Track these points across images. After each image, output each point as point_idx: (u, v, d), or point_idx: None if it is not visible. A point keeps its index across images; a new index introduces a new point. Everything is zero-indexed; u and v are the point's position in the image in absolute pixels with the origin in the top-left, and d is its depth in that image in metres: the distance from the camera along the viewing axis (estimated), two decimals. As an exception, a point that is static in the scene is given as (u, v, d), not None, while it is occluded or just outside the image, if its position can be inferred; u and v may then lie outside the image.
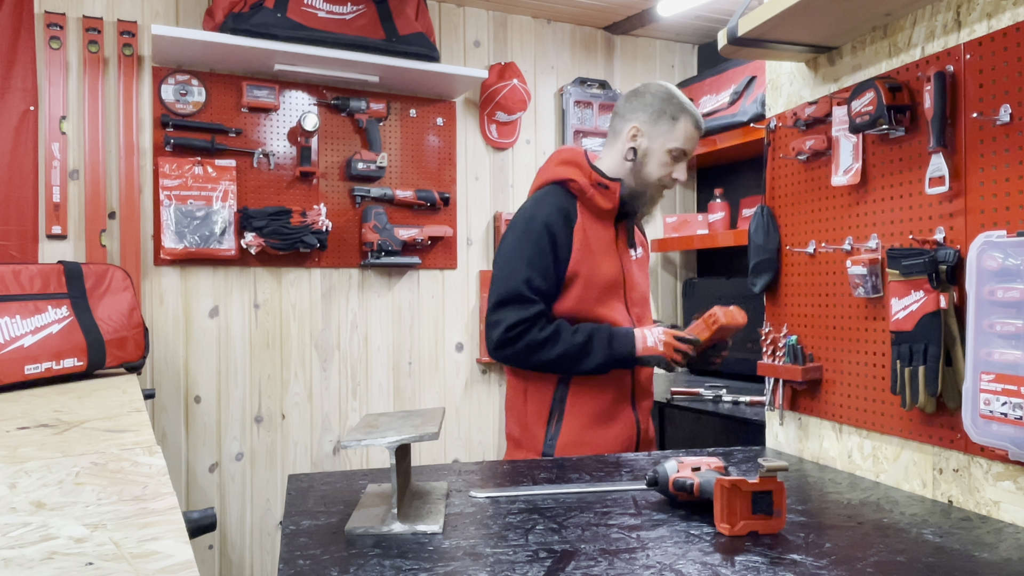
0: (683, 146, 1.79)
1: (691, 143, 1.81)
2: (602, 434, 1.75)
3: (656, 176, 1.81)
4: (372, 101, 2.88)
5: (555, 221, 1.75)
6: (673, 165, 1.80)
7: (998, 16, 1.13)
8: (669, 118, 1.79)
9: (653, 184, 1.82)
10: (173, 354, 2.63)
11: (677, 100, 1.81)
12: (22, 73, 2.41)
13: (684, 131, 1.79)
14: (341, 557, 0.95)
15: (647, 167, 1.81)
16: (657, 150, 1.80)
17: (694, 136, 1.81)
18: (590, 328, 1.72)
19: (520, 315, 1.71)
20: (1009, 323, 1.04)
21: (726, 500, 1.03)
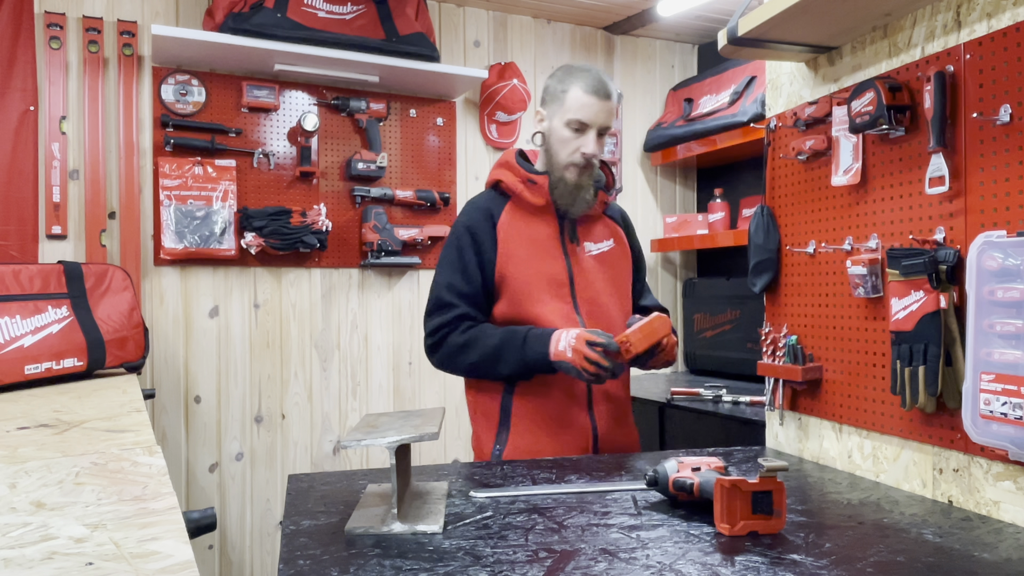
0: (577, 115, 1.64)
1: (587, 111, 1.63)
2: (551, 442, 1.64)
3: (563, 156, 1.67)
4: (372, 101, 2.88)
5: (476, 223, 1.69)
6: (576, 139, 1.65)
7: (998, 16, 1.13)
8: (560, 91, 1.67)
9: (563, 165, 1.67)
10: (173, 354, 2.63)
11: (567, 70, 1.69)
12: (22, 73, 2.41)
13: (574, 99, 1.64)
14: (341, 557, 0.95)
15: (553, 147, 1.69)
16: (557, 127, 1.67)
17: (589, 103, 1.63)
18: (508, 331, 1.63)
19: (439, 320, 1.66)
20: (1009, 323, 1.04)
21: (726, 500, 1.03)
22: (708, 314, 3.11)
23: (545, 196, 1.69)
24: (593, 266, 1.74)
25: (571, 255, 1.72)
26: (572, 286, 1.70)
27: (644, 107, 3.47)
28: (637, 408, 2.63)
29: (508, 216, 1.71)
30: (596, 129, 1.65)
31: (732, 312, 2.98)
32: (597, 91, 1.64)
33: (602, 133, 1.67)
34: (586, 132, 1.65)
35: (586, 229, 1.77)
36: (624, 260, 1.82)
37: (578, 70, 1.67)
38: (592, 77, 1.65)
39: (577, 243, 1.74)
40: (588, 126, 1.64)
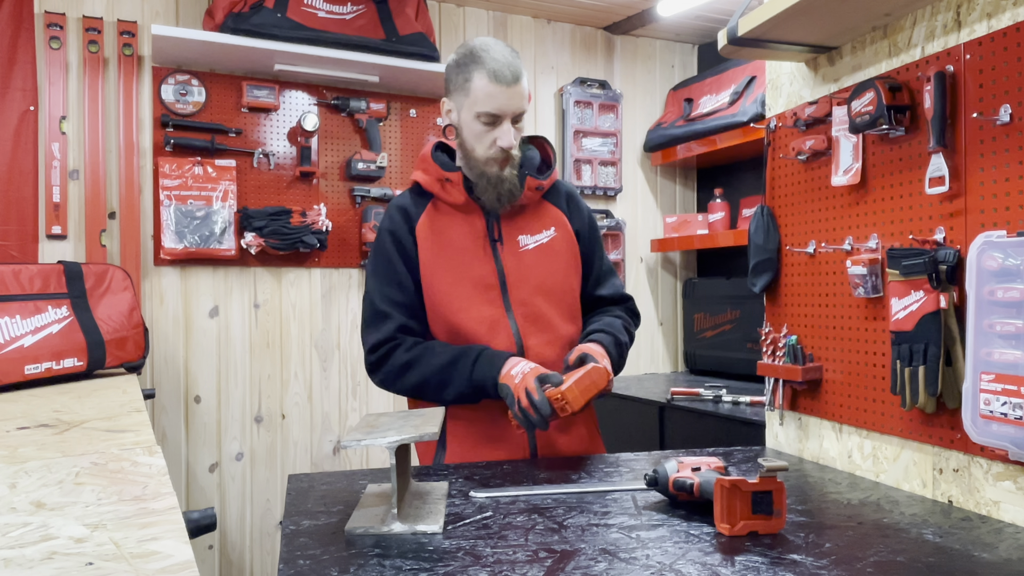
0: (485, 108, 1.47)
1: (494, 101, 1.47)
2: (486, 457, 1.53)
3: (479, 150, 1.51)
4: (372, 101, 2.88)
5: (396, 226, 1.57)
6: (490, 132, 1.49)
7: (998, 16, 1.13)
8: (463, 81, 1.50)
9: (482, 161, 1.52)
10: (173, 354, 2.63)
11: (470, 55, 1.50)
12: (22, 73, 2.41)
13: (479, 89, 1.47)
14: (341, 557, 0.95)
15: (468, 142, 1.53)
16: (467, 120, 1.51)
17: (495, 91, 1.46)
18: (459, 350, 1.49)
19: (379, 336, 1.53)
20: (1009, 323, 1.04)
21: (726, 500, 1.03)
22: (708, 314, 3.11)
23: (463, 194, 1.55)
24: (529, 262, 1.57)
25: (501, 254, 1.57)
26: (504, 288, 1.55)
27: (644, 107, 3.47)
28: (637, 408, 2.63)
29: (428, 218, 1.57)
30: (510, 117, 1.49)
31: (732, 312, 2.98)
32: (503, 77, 1.46)
33: (517, 120, 1.51)
34: (499, 123, 1.49)
35: (519, 222, 1.60)
36: (568, 250, 1.62)
37: (478, 52, 1.49)
38: (495, 61, 1.47)
39: (502, 241, 1.57)
40: (500, 117, 1.48)
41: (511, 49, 1.52)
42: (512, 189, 1.55)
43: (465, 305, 1.53)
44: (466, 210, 1.57)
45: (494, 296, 1.55)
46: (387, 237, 1.57)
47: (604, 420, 2.76)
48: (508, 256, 1.57)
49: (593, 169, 3.30)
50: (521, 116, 1.52)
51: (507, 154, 1.51)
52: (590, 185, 3.29)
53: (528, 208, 1.62)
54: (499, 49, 1.50)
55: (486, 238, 1.57)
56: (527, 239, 1.59)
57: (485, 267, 1.55)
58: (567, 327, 1.60)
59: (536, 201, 1.63)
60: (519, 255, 1.58)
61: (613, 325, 1.62)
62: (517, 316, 1.55)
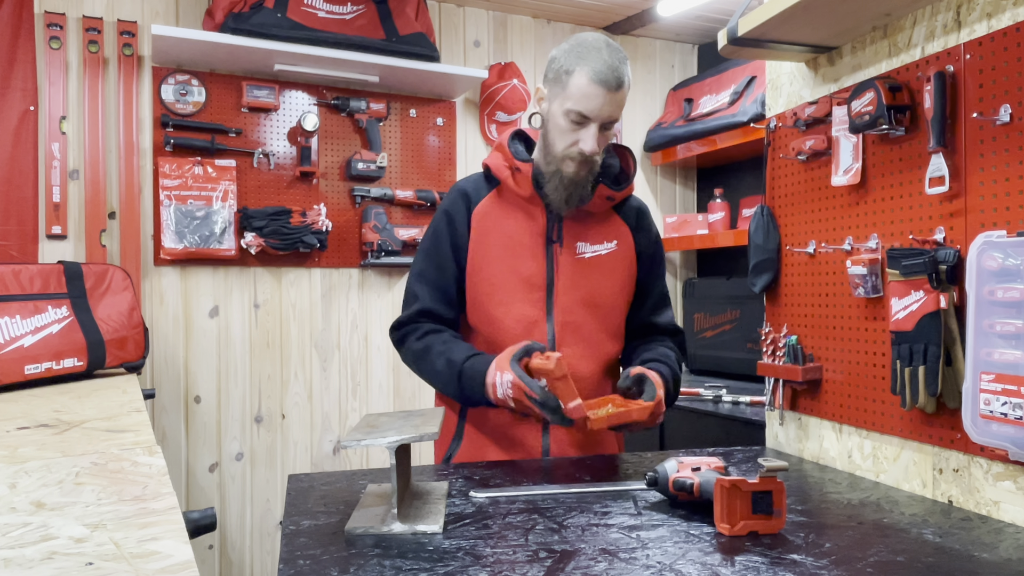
0: (578, 106, 1.40)
1: (590, 103, 1.40)
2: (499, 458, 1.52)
3: (559, 147, 1.45)
4: (372, 101, 2.88)
5: (454, 207, 1.54)
6: (574, 132, 1.43)
7: (998, 16, 1.13)
8: (564, 72, 1.43)
9: (559, 158, 1.45)
10: (173, 354, 2.63)
11: (577, 49, 1.43)
12: (22, 73, 2.41)
13: (576, 87, 1.40)
14: (341, 557, 0.95)
15: (550, 135, 1.47)
16: (556, 113, 1.45)
17: (593, 94, 1.39)
18: (447, 360, 1.46)
19: (403, 315, 1.55)
20: (1009, 323, 1.04)
21: (726, 500, 1.03)
22: (708, 314, 3.11)
23: (529, 186, 1.50)
24: (582, 271, 1.53)
25: (556, 256, 1.53)
26: (550, 291, 1.51)
27: (644, 107, 3.47)
28: (637, 408, 2.63)
29: (488, 204, 1.54)
30: (599, 123, 1.42)
31: (732, 312, 2.98)
32: (605, 80, 1.39)
33: (607, 127, 1.45)
34: (587, 125, 1.42)
35: (582, 228, 1.55)
36: (626, 268, 1.57)
37: (589, 50, 1.41)
38: (602, 62, 1.39)
39: (560, 243, 1.53)
40: (590, 119, 1.42)
41: (622, 54, 1.44)
42: (582, 194, 1.49)
43: (506, 300, 1.50)
44: (530, 204, 1.53)
45: (538, 297, 1.51)
46: (442, 216, 1.56)
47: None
48: (563, 260, 1.53)
49: (593, 169, 3.30)
50: (612, 124, 1.46)
51: (586, 158, 1.44)
52: (590, 185, 3.29)
53: (594, 216, 1.56)
54: (608, 51, 1.42)
55: (544, 236, 1.53)
56: (586, 247, 1.54)
57: (535, 266, 1.52)
58: (607, 344, 1.56)
59: (605, 211, 1.57)
60: (574, 261, 1.53)
61: (669, 357, 1.55)
62: (557, 322, 1.51)
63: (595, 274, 1.54)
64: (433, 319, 1.54)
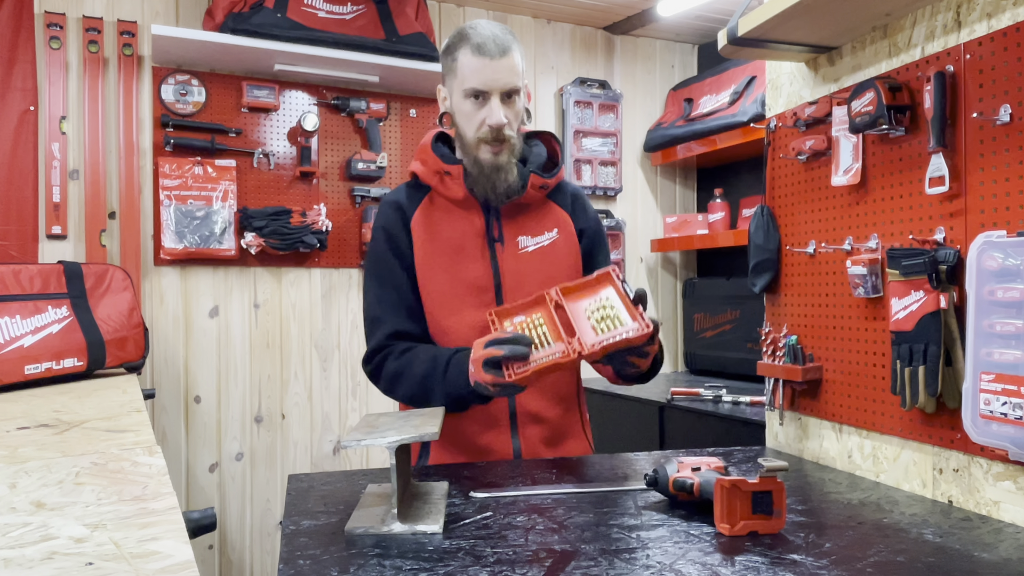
0: (469, 83, 1.39)
1: (480, 76, 1.39)
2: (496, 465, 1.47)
3: (470, 132, 1.43)
4: (372, 101, 2.88)
5: (390, 222, 1.50)
6: (478, 111, 1.41)
7: (998, 16, 1.13)
8: (451, 60, 1.44)
9: (473, 144, 1.43)
10: (173, 354, 2.63)
11: (457, 35, 1.44)
12: (22, 73, 2.41)
13: (465, 65, 1.40)
14: (341, 557, 0.95)
15: (460, 126, 1.45)
16: (457, 102, 1.44)
17: (480, 65, 1.39)
18: (431, 359, 1.40)
19: (372, 344, 1.49)
20: (1009, 323, 1.04)
21: (726, 500, 1.03)
22: (708, 314, 3.11)
23: (462, 188, 1.47)
24: (528, 266, 1.49)
25: (499, 255, 1.49)
26: (498, 291, 1.48)
27: (644, 107, 3.47)
28: (637, 408, 2.63)
29: (423, 214, 1.50)
30: (498, 93, 1.40)
31: (732, 312, 2.98)
32: (487, 49, 1.38)
33: (509, 97, 1.42)
34: (487, 101, 1.40)
35: (520, 222, 1.51)
36: (569, 254, 1.54)
37: (466, 30, 1.43)
38: (479, 35, 1.40)
39: (502, 241, 1.49)
40: (487, 92, 1.39)
41: (503, 27, 1.44)
42: (512, 180, 1.46)
43: (457, 307, 1.47)
44: (465, 206, 1.50)
45: (488, 300, 1.48)
46: (381, 235, 1.51)
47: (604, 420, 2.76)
48: (506, 258, 1.50)
49: (593, 169, 3.30)
50: (513, 94, 1.43)
51: (499, 134, 1.41)
52: (590, 185, 3.29)
53: (531, 208, 1.54)
54: (486, 24, 1.43)
55: (484, 237, 1.50)
56: (527, 240, 1.51)
57: (481, 268, 1.49)
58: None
59: (540, 200, 1.55)
60: (518, 257, 1.50)
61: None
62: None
63: (541, 267, 1.51)
64: (405, 339, 1.48)
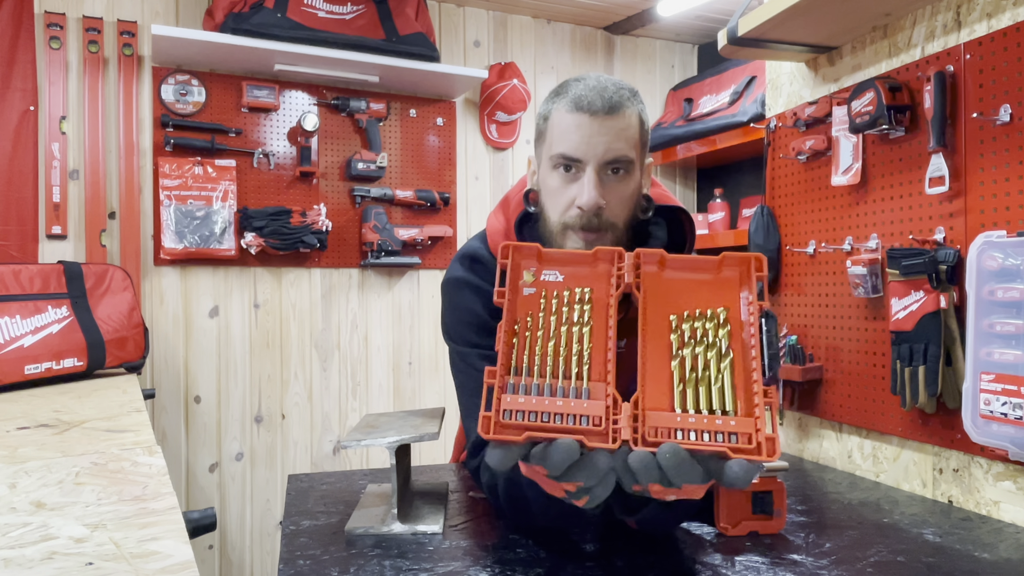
0: (558, 148, 1.04)
1: (571, 136, 1.03)
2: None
3: (555, 215, 1.07)
4: (372, 101, 2.88)
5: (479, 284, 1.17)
6: (567, 187, 1.05)
7: (998, 16, 1.13)
8: (543, 119, 1.11)
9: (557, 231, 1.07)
10: (173, 354, 2.63)
11: (559, 86, 1.11)
12: (22, 73, 2.41)
13: (556, 125, 1.06)
14: (341, 557, 0.95)
15: (546, 208, 1.10)
16: (544, 176, 1.10)
17: (573, 124, 1.03)
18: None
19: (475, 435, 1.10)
20: (1009, 323, 1.04)
21: (726, 500, 1.03)
22: (708, 314, 3.10)
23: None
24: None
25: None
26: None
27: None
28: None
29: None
30: (596, 163, 1.03)
31: (732, 312, 2.97)
32: (589, 103, 1.03)
33: (614, 170, 1.04)
34: (579, 173, 1.04)
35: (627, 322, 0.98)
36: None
37: (568, 84, 1.09)
38: (584, 86, 1.06)
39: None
40: (580, 160, 1.03)
41: (620, 81, 1.08)
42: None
43: None
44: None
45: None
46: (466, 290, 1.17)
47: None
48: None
49: (593, 169, 3.30)
50: (620, 168, 1.04)
51: (589, 220, 1.03)
52: (590, 185, 3.29)
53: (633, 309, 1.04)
54: (597, 76, 1.09)
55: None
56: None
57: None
58: None
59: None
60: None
61: None
62: None
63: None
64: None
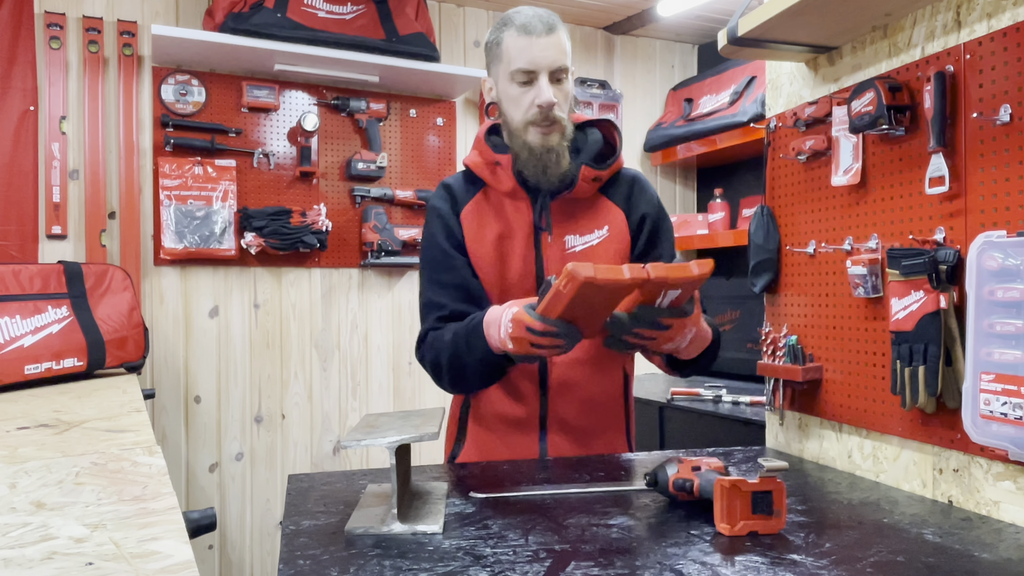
0: (516, 64, 1.38)
1: (526, 55, 1.37)
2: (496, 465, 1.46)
3: (518, 116, 1.41)
4: (372, 101, 2.88)
5: (443, 209, 1.49)
6: (527, 93, 1.39)
7: (998, 16, 1.13)
8: (495, 45, 1.43)
9: (522, 128, 1.41)
10: (173, 354, 2.63)
11: (500, 21, 1.44)
12: (22, 73, 2.41)
13: (508, 47, 1.39)
14: (341, 557, 0.95)
15: (508, 112, 1.44)
16: (503, 86, 1.42)
17: (525, 44, 1.37)
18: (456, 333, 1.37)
19: (424, 327, 1.47)
20: (1009, 323, 1.04)
21: (726, 500, 1.03)
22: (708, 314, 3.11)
23: (511, 179, 1.45)
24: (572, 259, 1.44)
25: (544, 249, 1.45)
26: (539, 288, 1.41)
27: (644, 107, 3.47)
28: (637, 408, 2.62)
29: (474, 206, 1.49)
30: (546, 72, 1.37)
31: (732, 312, 2.98)
32: (532, 28, 1.37)
33: (557, 77, 1.40)
34: (535, 81, 1.38)
35: (570, 219, 1.47)
36: (618, 253, 1.48)
37: (510, 14, 1.43)
38: (523, 15, 1.39)
39: (550, 232, 1.45)
40: (535, 71, 1.37)
41: (547, 10, 1.43)
42: (562, 163, 1.41)
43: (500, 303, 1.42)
44: (513, 197, 1.47)
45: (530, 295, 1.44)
46: (435, 220, 1.49)
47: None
48: (551, 255, 1.46)
49: (593, 169, 3.30)
50: (561, 74, 1.40)
51: (548, 114, 1.38)
52: (590, 185, 3.29)
53: (582, 204, 1.48)
54: (529, 7, 1.43)
55: (531, 229, 1.46)
56: (575, 240, 1.47)
57: (525, 265, 1.46)
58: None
59: (591, 195, 1.49)
60: (564, 257, 1.46)
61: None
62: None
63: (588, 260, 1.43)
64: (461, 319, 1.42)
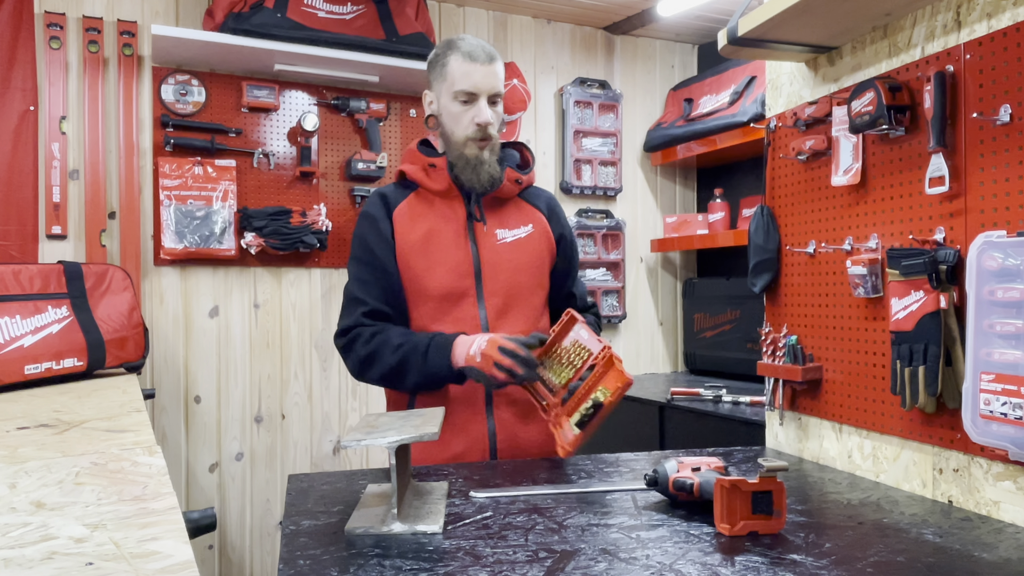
0: (461, 86, 1.55)
1: (470, 79, 1.55)
2: (444, 448, 1.56)
3: (458, 131, 1.58)
4: (372, 101, 2.88)
5: (374, 209, 1.62)
6: (467, 111, 1.56)
7: (998, 16, 1.13)
8: (441, 65, 1.60)
9: (461, 142, 1.58)
10: (173, 354, 2.63)
11: (445, 44, 1.61)
12: (22, 73, 2.41)
13: (455, 70, 1.56)
14: (341, 557, 0.95)
15: (447, 125, 1.60)
16: (446, 103, 1.59)
17: (470, 69, 1.55)
18: (410, 343, 1.51)
19: (345, 322, 1.58)
20: (1009, 323, 1.04)
21: (726, 500, 1.03)
22: (708, 314, 3.11)
23: (446, 179, 1.60)
24: (504, 256, 1.62)
25: (479, 241, 1.61)
26: (478, 277, 1.59)
27: (644, 107, 3.47)
28: (637, 408, 2.63)
29: (407, 206, 1.62)
30: (486, 96, 1.57)
31: (732, 312, 2.98)
32: (476, 56, 1.56)
33: (494, 101, 1.59)
34: (475, 101, 1.57)
35: (498, 214, 1.66)
36: (544, 249, 1.67)
37: (455, 40, 1.60)
38: (468, 44, 1.58)
39: (484, 222, 1.62)
40: (476, 95, 1.56)
41: (485, 42, 1.63)
42: (495, 173, 1.61)
43: (434, 293, 1.58)
44: (447, 196, 1.63)
45: (468, 285, 1.59)
46: (365, 221, 1.62)
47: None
48: (485, 246, 1.61)
49: (593, 169, 3.30)
50: (497, 98, 1.60)
51: (485, 132, 1.57)
52: (590, 185, 3.29)
53: (508, 203, 1.68)
54: (472, 37, 1.61)
55: (465, 224, 1.62)
56: (505, 232, 1.64)
57: (461, 253, 1.59)
58: (534, 324, 1.64)
59: (513, 196, 1.69)
60: (496, 248, 1.62)
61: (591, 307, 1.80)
62: (488, 307, 1.59)
63: (517, 257, 1.63)
64: (380, 319, 1.58)
